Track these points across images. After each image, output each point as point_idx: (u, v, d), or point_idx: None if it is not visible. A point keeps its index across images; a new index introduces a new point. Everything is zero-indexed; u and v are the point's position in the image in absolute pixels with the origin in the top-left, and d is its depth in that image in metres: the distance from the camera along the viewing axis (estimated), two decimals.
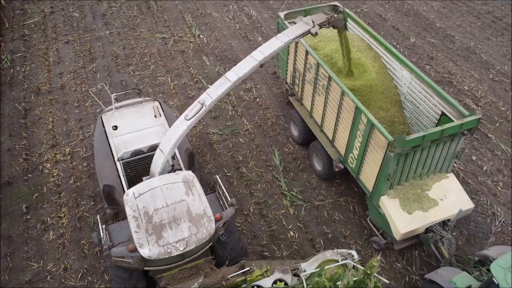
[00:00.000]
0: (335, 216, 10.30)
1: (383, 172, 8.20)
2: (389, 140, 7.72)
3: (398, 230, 8.28)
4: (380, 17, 18.20)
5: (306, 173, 11.32)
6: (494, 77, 14.97)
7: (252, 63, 7.90)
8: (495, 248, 8.44)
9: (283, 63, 11.76)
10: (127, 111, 10.02)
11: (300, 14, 11.37)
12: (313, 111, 10.62)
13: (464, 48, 16.43)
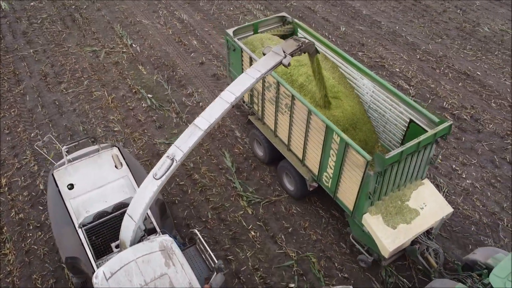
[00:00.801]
0: (293, 209, 10.45)
1: (364, 191, 7.85)
2: (367, 160, 7.35)
3: (386, 248, 7.92)
4: (310, 10, 18.67)
5: (259, 171, 11.37)
6: (421, 57, 15.91)
7: (223, 106, 7.10)
8: (480, 251, 8.30)
9: None
10: (82, 164, 8.81)
11: (248, 29, 11.15)
12: (278, 130, 10.04)
13: (390, 32, 17.30)
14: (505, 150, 12.20)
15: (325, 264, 9.36)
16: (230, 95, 7.22)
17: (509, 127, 12.97)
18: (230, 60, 11.11)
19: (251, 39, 10.93)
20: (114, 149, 9.24)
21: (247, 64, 10.12)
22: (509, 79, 14.99)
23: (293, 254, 9.52)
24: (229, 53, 10.89)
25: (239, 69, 10.61)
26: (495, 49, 16.58)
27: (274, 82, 9.19)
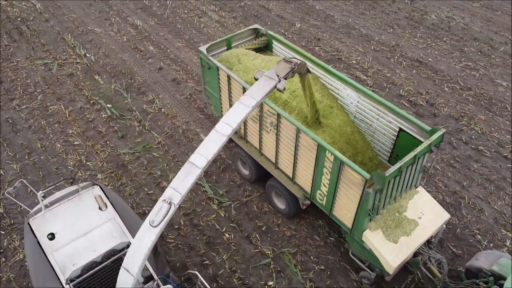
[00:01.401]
0: (265, 207, 10.50)
1: (363, 209, 7.58)
2: (366, 178, 7.08)
3: (390, 264, 7.69)
4: (264, 8, 18.79)
5: (228, 173, 11.34)
6: (375, 47, 16.37)
7: (220, 139, 6.48)
8: (483, 256, 8.23)
9: (215, 100, 10.54)
10: (61, 209, 7.83)
11: (221, 44, 10.50)
12: (263, 149, 9.59)
13: (344, 26, 17.70)
14: (460, 131, 12.79)
15: (301, 259, 9.47)
16: (226, 127, 6.55)
17: (462, 109, 13.60)
18: (205, 79, 10.43)
19: (226, 56, 10.29)
20: (96, 188, 8.29)
21: (224, 82, 9.58)
22: (458, 63, 15.71)
23: (269, 252, 9.57)
24: (204, 71, 10.24)
25: (216, 88, 10.08)
26: (443, 35, 17.33)
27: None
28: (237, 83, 9.12)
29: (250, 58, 10.02)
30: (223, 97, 10.03)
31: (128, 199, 10.65)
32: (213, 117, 12.99)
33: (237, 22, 17.68)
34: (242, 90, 9.01)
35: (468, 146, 12.23)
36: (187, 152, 11.89)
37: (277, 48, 10.92)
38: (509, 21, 18.52)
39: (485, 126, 12.98)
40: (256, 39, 11.18)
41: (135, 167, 11.49)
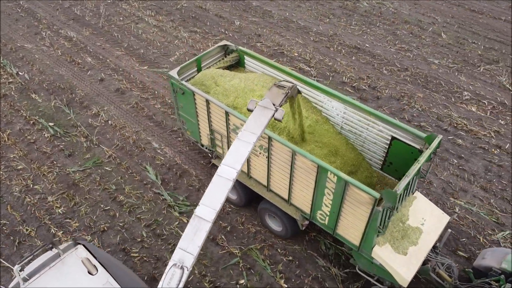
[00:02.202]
0: (227, 208, 10.49)
1: (372, 227, 7.29)
2: (376, 197, 6.76)
3: (403, 278, 7.51)
4: (202, 9, 18.67)
5: (185, 178, 11.21)
6: (314, 38, 16.81)
7: (225, 185, 5.99)
8: (489, 255, 8.23)
9: (191, 125, 9.88)
10: (44, 280, 6.74)
11: (191, 66, 9.82)
12: (252, 172, 9.13)
13: (282, 20, 18.01)
14: (403, 110, 13.47)
15: (269, 253, 9.58)
16: (230, 171, 6.03)
17: (401, 89, 14.32)
18: (178, 104, 9.77)
19: (201, 78, 9.60)
20: (79, 248, 7.23)
21: (202, 107, 9.02)
22: (393, 47, 16.51)
23: (236, 251, 9.59)
24: (177, 96, 9.59)
25: (192, 113, 9.50)
26: (376, 21, 18.13)
27: (242, 124, 8.09)
28: (217, 107, 8.54)
29: (227, 79, 9.42)
30: (202, 122, 9.44)
31: (84, 218, 10.23)
32: (182, 138, 12.78)
33: (176, 25, 17.44)
34: (224, 114, 8.48)
35: (411, 124, 12.91)
36: (141, 162, 11.61)
37: (250, 63, 10.40)
38: (434, 2, 19.74)
39: (424, 103, 13.77)
40: (226, 56, 10.55)
41: (88, 184, 11.05)
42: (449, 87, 14.53)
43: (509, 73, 15.40)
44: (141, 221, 10.21)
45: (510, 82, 14.92)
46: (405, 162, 8.34)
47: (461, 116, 13.31)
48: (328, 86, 12.96)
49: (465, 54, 16.32)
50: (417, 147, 8.11)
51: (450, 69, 15.43)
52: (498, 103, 13.95)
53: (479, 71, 15.42)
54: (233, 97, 8.98)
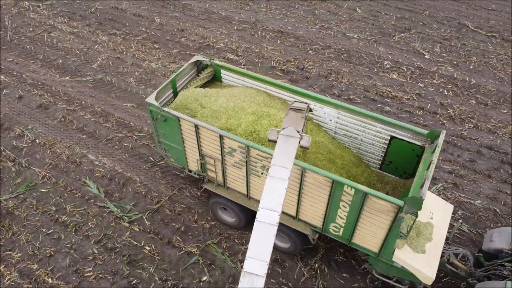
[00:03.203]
0: (178, 208, 10.37)
1: (393, 233, 7.17)
2: (399, 206, 6.64)
3: (428, 277, 7.55)
4: (118, 9, 17.95)
5: (129, 186, 10.88)
6: (238, 27, 16.88)
7: (270, 231, 5.60)
8: (496, 236, 8.26)
9: (176, 152, 9.24)
10: None
11: (167, 88, 9.10)
12: (252, 192, 8.72)
13: (203, 12, 17.84)
14: (332, 86, 14.03)
15: (227, 245, 9.65)
16: (271, 214, 5.66)
17: (328, 66, 14.89)
18: (158, 131, 9.07)
19: (182, 102, 8.91)
20: None
21: (190, 133, 8.45)
22: (314, 26, 17.05)
23: (194, 249, 9.55)
24: (157, 124, 8.89)
25: (177, 140, 8.87)
26: (295, 3, 18.57)
27: (240, 147, 7.83)
28: (209, 131, 8.05)
29: (212, 100, 8.81)
30: (189, 148, 8.86)
31: (25, 247, 9.59)
32: (120, 145, 12.24)
33: (93, 29, 16.61)
34: (218, 138, 8.03)
35: (341, 98, 13.51)
36: (79, 177, 11.06)
37: (227, 77, 9.86)
38: None
39: (350, 77, 14.44)
40: (201, 72, 9.91)
41: (24, 210, 10.34)
42: (370, 59, 15.35)
43: (420, 38, 16.58)
44: (90, 238, 9.79)
45: (423, 47, 16.08)
46: (406, 159, 8.45)
47: (385, 85, 14.15)
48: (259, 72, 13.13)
49: (380, 26, 17.28)
50: (418, 144, 8.12)
51: (369, 42, 16.27)
52: (415, 68, 14.99)
53: (395, 40, 16.43)
54: (224, 118, 8.43)
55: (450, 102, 13.56)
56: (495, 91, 14.10)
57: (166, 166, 11.35)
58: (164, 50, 15.52)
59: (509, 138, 12.38)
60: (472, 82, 14.42)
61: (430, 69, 14.92)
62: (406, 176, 8.84)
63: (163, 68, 14.63)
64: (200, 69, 9.92)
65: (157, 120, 8.76)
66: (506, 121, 12.93)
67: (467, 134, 12.43)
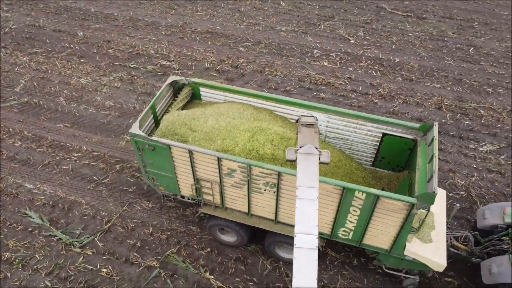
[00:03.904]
0: (131, 224, 10.08)
1: (406, 229, 7.35)
2: (413, 203, 6.78)
3: (439, 264, 7.74)
4: (35, 27, 16.95)
5: (75, 209, 10.39)
6: (166, 32, 16.61)
7: (311, 255, 5.52)
8: (488, 213, 8.63)
9: (166, 180, 8.77)
10: None
11: (148, 115, 8.63)
12: (254, 210, 8.57)
13: (128, 20, 17.35)
14: (267, 81, 14.29)
15: (186, 252, 9.56)
16: (309, 239, 5.60)
17: (261, 62, 15.13)
18: (145, 161, 8.51)
19: (169, 127, 8.40)
20: None
21: (183, 159, 8.03)
22: (242, 24, 17.22)
23: (154, 263, 9.35)
24: (144, 154, 8.35)
25: (167, 167, 8.41)
26: (221, 2, 18.62)
27: (240, 166, 7.62)
28: (205, 155, 7.73)
29: (201, 122, 8.47)
30: (181, 174, 8.46)
31: None
32: (58, 169, 11.53)
33: (10, 50, 15.57)
34: (215, 161, 7.74)
35: (278, 91, 13.81)
36: (18, 209, 10.37)
37: (206, 94, 9.51)
38: None
39: (284, 69, 14.79)
40: (179, 93, 9.44)
41: None
42: (300, 50, 15.80)
43: (344, 25, 17.34)
44: (40, 271, 9.24)
45: (347, 32, 16.84)
46: (398, 153, 8.68)
47: (317, 73, 14.65)
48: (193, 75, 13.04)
49: (305, 17, 17.82)
50: (410, 138, 8.32)
51: (297, 33, 16.74)
52: (343, 53, 15.67)
53: (321, 29, 17.04)
54: (219, 140, 8.12)
55: (379, 81, 14.35)
56: (417, 66, 15.13)
57: (112, 183, 10.98)
58: (92, 63, 14.92)
59: (435, 108, 13.35)
60: (396, 61, 15.35)
61: (357, 53, 15.67)
62: (398, 169, 9.11)
63: (94, 83, 14.07)
64: (177, 89, 9.47)
65: (143, 150, 8.24)
66: (430, 93, 13.93)
67: (398, 109, 13.24)
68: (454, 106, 13.46)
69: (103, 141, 12.11)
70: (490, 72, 14.92)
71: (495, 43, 16.43)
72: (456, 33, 17.02)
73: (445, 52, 15.87)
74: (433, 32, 17.01)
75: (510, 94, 13.98)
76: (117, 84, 14.04)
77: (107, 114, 12.96)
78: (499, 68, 15.15)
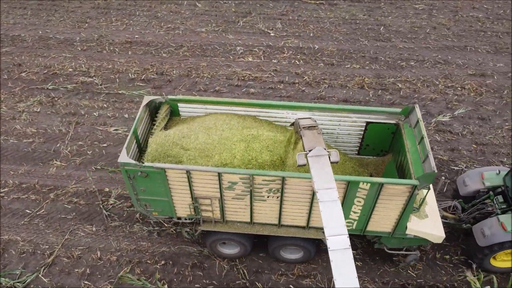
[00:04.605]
0: (76, 251, 9.60)
1: (408, 210, 7.68)
2: (415, 185, 7.13)
3: (439, 236, 8.08)
4: None
5: (10, 249, 9.67)
6: (82, 47, 15.88)
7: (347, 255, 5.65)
8: (467, 180, 9.26)
9: (160, 205, 8.37)
10: None
11: (132, 141, 8.10)
12: (256, 218, 8.46)
13: (37, 40, 16.39)
14: (195, 83, 14.22)
15: (140, 269, 9.32)
16: (341, 239, 5.77)
17: (186, 65, 15.02)
18: (137, 189, 8.07)
19: (159, 150, 8.15)
20: None
21: (179, 180, 7.74)
22: (160, 30, 16.94)
23: (108, 287, 9.00)
24: (135, 181, 7.90)
25: (163, 192, 8.03)
26: (135, 10, 18.14)
27: (241, 178, 7.49)
28: (205, 173, 7.51)
29: (192, 139, 8.26)
30: (178, 196, 8.13)
31: None
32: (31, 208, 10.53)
33: None
34: (215, 176, 7.54)
35: (208, 92, 13.82)
36: None
37: (185, 109, 9.20)
38: None
39: (210, 70, 14.80)
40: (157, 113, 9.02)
41: None
42: (223, 48, 15.90)
43: (262, 19, 17.70)
44: None
45: (266, 26, 17.22)
46: (382, 139, 9.01)
47: (243, 69, 14.86)
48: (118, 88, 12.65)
49: (223, 15, 17.94)
50: (393, 122, 8.69)
51: (217, 32, 16.81)
52: (265, 47, 16.01)
53: (240, 25, 17.26)
54: (216, 155, 8.00)
55: (303, 70, 14.88)
56: (336, 50, 15.88)
57: (48, 214, 10.36)
58: (5, 90, 13.89)
59: (358, 88, 14.14)
60: (316, 48, 15.99)
61: (279, 45, 16.09)
62: (383, 154, 9.46)
63: (10, 111, 13.12)
64: (152, 109, 9.06)
65: (134, 179, 7.82)
66: (351, 74, 14.71)
67: (325, 94, 13.84)
68: (374, 83, 14.34)
69: (30, 171, 11.36)
70: (401, 47, 16.08)
71: (402, 20, 17.71)
72: (366, 14, 18.09)
73: (359, 34, 16.82)
74: (346, 16, 17.94)
75: (421, 65, 15.18)
76: (37, 109, 13.22)
77: (31, 141, 12.17)
78: (408, 42, 16.37)
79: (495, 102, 13.65)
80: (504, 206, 8.85)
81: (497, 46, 16.22)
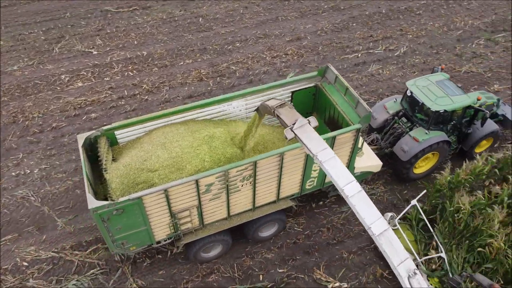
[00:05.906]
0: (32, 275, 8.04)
1: (355, 151, 8.85)
2: (359, 128, 8.29)
3: (379, 164, 9.67)
4: None
5: None
6: None
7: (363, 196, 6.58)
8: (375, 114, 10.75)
9: (138, 236, 7.97)
10: None
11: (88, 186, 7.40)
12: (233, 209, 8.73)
13: None
14: (27, 127, 12.80)
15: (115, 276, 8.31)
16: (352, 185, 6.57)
17: (10, 112, 13.36)
18: (111, 231, 7.53)
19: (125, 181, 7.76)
20: None
21: (158, 203, 7.61)
22: None
23: None
24: (109, 224, 7.36)
25: (139, 222, 7.71)
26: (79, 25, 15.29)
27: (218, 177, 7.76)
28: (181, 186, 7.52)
29: (154, 160, 8.05)
30: (155, 220, 7.92)
31: None
32: None
33: None
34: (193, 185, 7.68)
35: (43, 133, 12.58)
36: None
37: (123, 135, 8.75)
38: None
39: (39, 109, 13.45)
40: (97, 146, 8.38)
41: None
42: (46, 81, 14.56)
43: (78, 39, 16.63)
44: None
45: (85, 45, 16.25)
46: (306, 102, 9.93)
47: (76, 97, 13.87)
48: None
49: (33, 46, 16.30)
50: (312, 85, 9.61)
51: (33, 66, 15.27)
52: (92, 67, 15.15)
53: (56, 52, 15.94)
54: (187, 164, 8.04)
55: (139, 79, 14.59)
56: (165, 51, 15.93)
57: None
58: None
59: (198, 81, 14.50)
60: (145, 54, 15.78)
61: (106, 61, 15.41)
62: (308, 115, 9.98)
63: None
64: (87, 145, 8.37)
65: (109, 220, 7.31)
66: (187, 70, 14.98)
67: (169, 96, 13.86)
68: (211, 72, 14.87)
69: None
70: (223, 32, 16.92)
71: (216, 8, 18.56)
72: (182, 10, 18.43)
73: (182, 30, 17.11)
74: (163, 16, 18.00)
75: (245, 44, 16.24)
76: None
77: None
78: (228, 27, 17.30)
79: (315, 59, 15.46)
80: (409, 124, 10.63)
81: (301, 11, 18.25)
